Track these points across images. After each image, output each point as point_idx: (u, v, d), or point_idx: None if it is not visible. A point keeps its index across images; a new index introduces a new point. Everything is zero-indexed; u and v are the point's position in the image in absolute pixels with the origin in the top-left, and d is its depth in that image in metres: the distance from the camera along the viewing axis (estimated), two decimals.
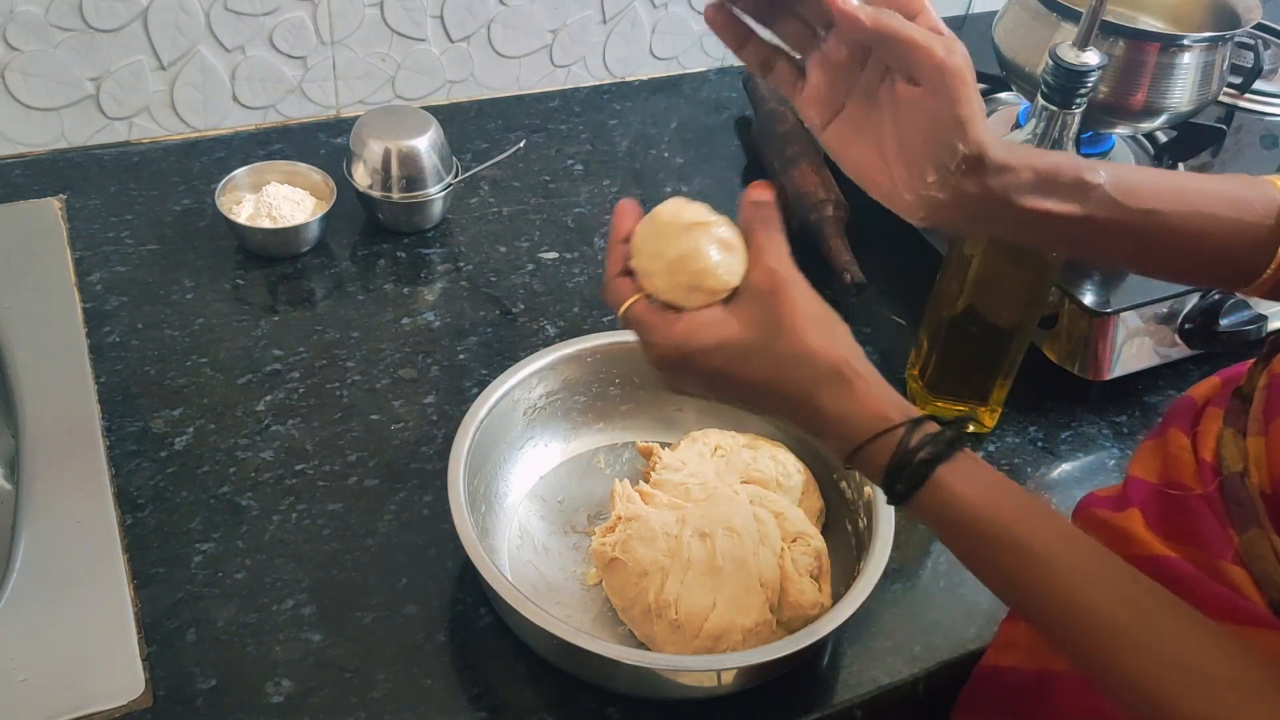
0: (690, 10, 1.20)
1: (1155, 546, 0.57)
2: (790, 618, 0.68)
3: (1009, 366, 0.83)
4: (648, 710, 0.67)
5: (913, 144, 0.54)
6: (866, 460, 0.53)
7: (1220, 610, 0.53)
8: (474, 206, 1.03)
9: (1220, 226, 0.58)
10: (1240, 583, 0.53)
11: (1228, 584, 0.54)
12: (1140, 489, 0.61)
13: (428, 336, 0.89)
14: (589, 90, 1.21)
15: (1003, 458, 0.86)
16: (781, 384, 0.53)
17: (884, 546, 0.67)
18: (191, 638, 0.67)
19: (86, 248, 0.92)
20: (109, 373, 0.82)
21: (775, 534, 0.70)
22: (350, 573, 0.72)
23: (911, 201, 0.55)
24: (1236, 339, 0.88)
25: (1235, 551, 0.54)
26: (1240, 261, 0.59)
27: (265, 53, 1.04)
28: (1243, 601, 0.53)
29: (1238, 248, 0.59)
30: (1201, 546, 0.56)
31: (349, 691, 0.66)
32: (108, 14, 0.96)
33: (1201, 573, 0.55)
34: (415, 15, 1.07)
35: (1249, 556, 0.54)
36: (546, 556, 0.74)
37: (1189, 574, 0.55)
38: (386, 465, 0.79)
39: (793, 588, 0.68)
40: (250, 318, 0.89)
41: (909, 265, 0.99)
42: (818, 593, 0.69)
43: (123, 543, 0.71)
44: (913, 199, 0.55)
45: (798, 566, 0.70)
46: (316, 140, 1.08)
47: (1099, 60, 0.66)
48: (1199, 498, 0.57)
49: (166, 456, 0.77)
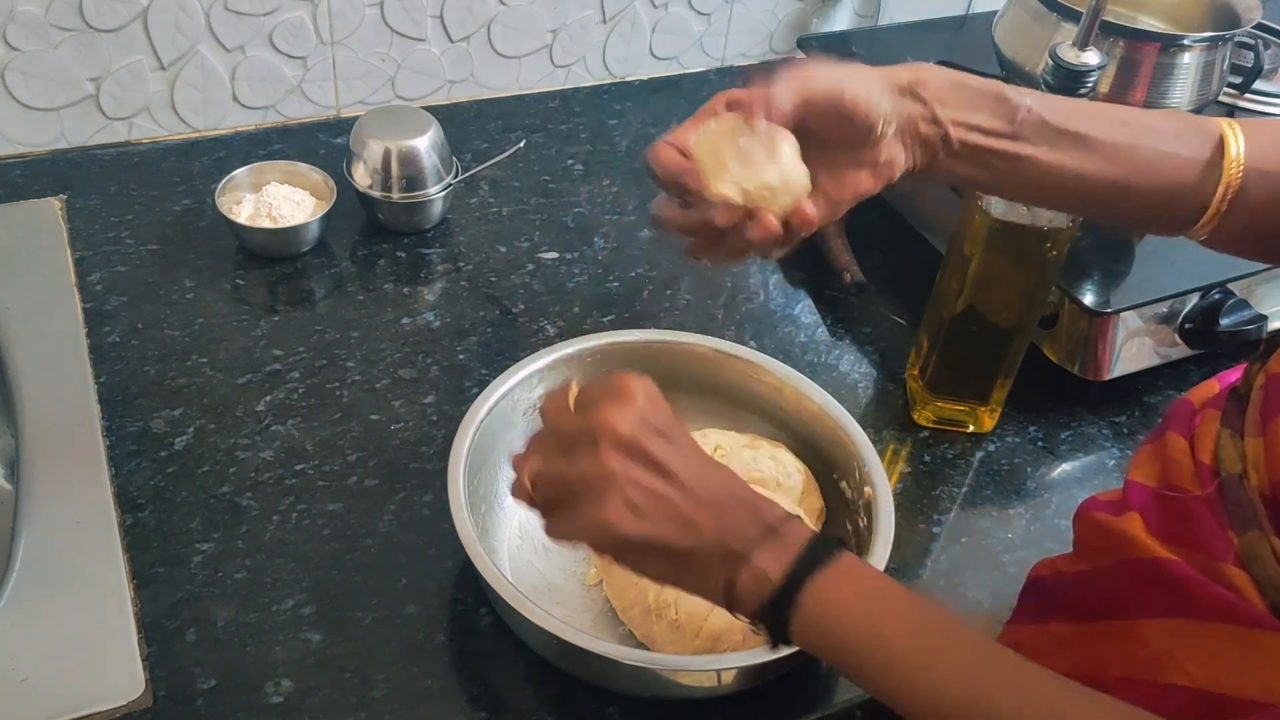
0: (690, 10, 1.20)
1: (1155, 549, 0.57)
2: None
3: (1009, 366, 0.83)
4: (648, 710, 0.67)
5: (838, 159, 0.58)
6: (791, 529, 0.52)
7: (1220, 612, 0.52)
8: (474, 206, 1.03)
9: (1158, 159, 0.59)
10: (1241, 585, 0.53)
11: (1228, 586, 0.53)
12: (1140, 493, 0.61)
13: (428, 336, 0.89)
14: (589, 90, 1.21)
15: (1003, 457, 0.86)
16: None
17: (884, 546, 0.67)
18: (191, 638, 0.67)
19: (86, 248, 0.92)
20: (109, 373, 0.82)
21: None
22: (350, 573, 0.72)
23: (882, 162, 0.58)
24: (1236, 339, 0.88)
25: (1235, 553, 0.54)
26: (1180, 199, 0.59)
27: (265, 53, 1.04)
28: (1243, 604, 0.52)
29: (1177, 184, 0.59)
30: (1201, 549, 0.55)
31: (349, 691, 0.66)
32: (108, 14, 0.96)
33: (1202, 575, 0.54)
34: (415, 15, 1.07)
35: (1249, 558, 0.53)
36: (546, 556, 0.74)
37: (1189, 576, 0.55)
38: (386, 465, 0.79)
39: None
40: (250, 318, 0.89)
41: (909, 265, 0.99)
42: None
43: (123, 543, 0.71)
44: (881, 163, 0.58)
45: None
46: (316, 140, 1.08)
47: (1099, 60, 0.66)
48: (1198, 500, 0.57)
49: (166, 456, 0.77)
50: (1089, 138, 0.59)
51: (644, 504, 0.51)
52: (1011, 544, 0.79)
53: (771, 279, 0.99)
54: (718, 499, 0.52)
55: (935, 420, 0.87)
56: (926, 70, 0.59)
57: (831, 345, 0.94)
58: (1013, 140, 0.58)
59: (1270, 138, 0.59)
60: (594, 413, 0.53)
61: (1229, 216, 0.59)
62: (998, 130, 0.58)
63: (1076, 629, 0.59)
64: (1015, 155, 0.59)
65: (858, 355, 0.93)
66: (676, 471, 0.52)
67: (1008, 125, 0.58)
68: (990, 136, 0.58)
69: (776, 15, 1.25)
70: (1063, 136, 0.58)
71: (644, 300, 0.95)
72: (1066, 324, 0.87)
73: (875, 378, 0.91)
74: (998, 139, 0.58)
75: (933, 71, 0.59)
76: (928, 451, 0.85)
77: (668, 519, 0.51)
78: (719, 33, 1.23)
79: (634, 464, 0.51)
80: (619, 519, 0.51)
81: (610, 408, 0.53)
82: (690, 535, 0.51)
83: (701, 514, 0.52)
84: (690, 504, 0.52)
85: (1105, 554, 0.58)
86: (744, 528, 0.52)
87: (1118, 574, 0.54)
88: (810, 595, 0.50)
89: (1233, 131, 0.59)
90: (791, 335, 0.94)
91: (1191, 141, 0.59)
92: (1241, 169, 0.58)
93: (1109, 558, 0.57)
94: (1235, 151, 0.58)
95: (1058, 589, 0.63)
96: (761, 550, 0.51)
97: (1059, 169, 0.59)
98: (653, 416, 0.53)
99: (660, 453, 0.52)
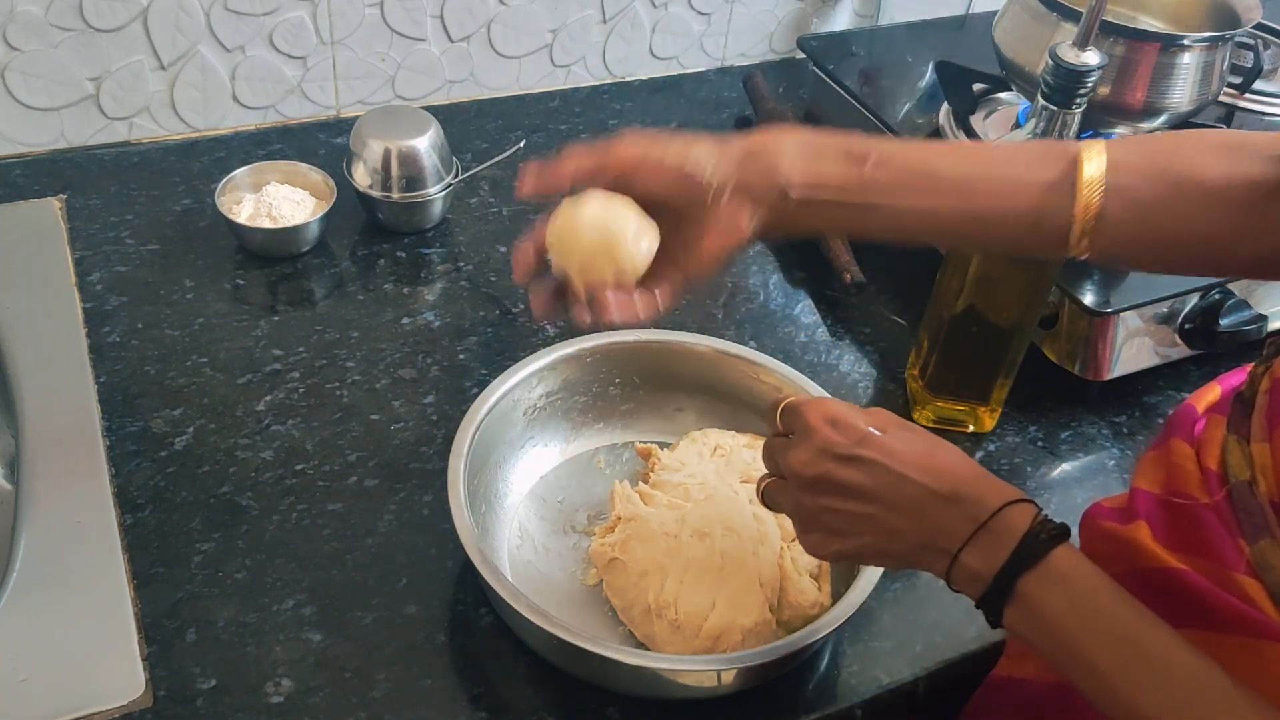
0: (690, 10, 1.20)
1: (1164, 558, 0.56)
2: (790, 617, 0.68)
3: (1009, 366, 0.83)
4: (648, 710, 0.67)
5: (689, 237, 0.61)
6: (1004, 525, 0.53)
7: (1232, 622, 0.52)
8: (474, 206, 1.03)
9: (1010, 186, 0.60)
10: (1253, 594, 0.52)
11: (1240, 595, 0.53)
12: (1146, 500, 0.60)
13: (428, 336, 0.89)
14: (589, 90, 1.21)
15: (1003, 457, 0.86)
16: (937, 452, 0.56)
17: None
18: (191, 638, 0.67)
19: (86, 248, 0.92)
20: (109, 373, 0.82)
21: (775, 534, 0.70)
22: (350, 573, 0.72)
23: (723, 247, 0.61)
24: (1236, 339, 0.88)
25: (1247, 562, 0.53)
26: (1042, 223, 0.59)
27: (265, 53, 1.04)
28: (1254, 613, 0.52)
29: (1032, 208, 0.59)
30: (1212, 557, 0.55)
31: (349, 691, 0.66)
32: (108, 14, 0.96)
33: (1213, 584, 0.54)
34: (415, 15, 1.07)
35: (1260, 567, 0.53)
36: (546, 556, 0.74)
37: (1201, 586, 0.54)
38: (386, 465, 0.79)
39: (792, 587, 0.68)
40: (250, 318, 0.89)
41: (909, 265, 0.99)
42: (817, 592, 0.69)
43: (123, 543, 0.71)
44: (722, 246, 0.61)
45: (797, 566, 0.70)
46: (316, 140, 1.08)
47: (1099, 60, 0.66)
48: (1206, 507, 0.56)
49: (166, 456, 0.77)
50: (938, 174, 0.60)
51: (844, 526, 0.56)
52: None
53: (771, 279, 0.99)
54: (918, 503, 0.54)
55: (935, 420, 0.87)
56: (773, 134, 0.61)
57: (831, 345, 0.94)
58: (859, 190, 0.60)
59: (1137, 149, 0.60)
60: (784, 458, 0.59)
61: (1102, 235, 0.59)
62: (843, 183, 0.60)
63: None
64: (863, 204, 0.60)
65: (858, 355, 0.93)
66: (869, 489, 0.55)
67: (854, 175, 0.60)
68: (834, 190, 0.60)
69: (776, 15, 1.25)
70: (911, 177, 0.60)
71: None
72: (1066, 324, 0.87)
73: (875, 378, 0.91)
74: (842, 191, 0.60)
75: (779, 135, 0.61)
76: None
77: (872, 533, 0.56)
78: (719, 33, 1.23)
79: (824, 497, 0.56)
80: (823, 545, 0.58)
81: (793, 451, 0.58)
82: (897, 541, 0.55)
83: (904, 521, 0.55)
84: (891, 515, 0.55)
85: (1114, 562, 0.57)
86: (954, 526, 0.53)
87: (1126, 583, 0.53)
88: (1020, 596, 0.51)
89: (1093, 152, 0.59)
90: (791, 335, 0.94)
91: (1046, 166, 0.59)
92: (1102, 188, 0.58)
93: (1118, 566, 0.57)
94: (1093, 171, 0.58)
95: None
96: (972, 549, 0.53)
97: (910, 209, 0.61)
98: (836, 443, 0.56)
99: (848, 478, 0.55)
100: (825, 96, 1.09)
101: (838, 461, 0.56)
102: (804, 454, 0.57)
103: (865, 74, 1.09)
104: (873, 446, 0.56)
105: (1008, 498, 0.53)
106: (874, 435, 0.56)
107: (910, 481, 0.54)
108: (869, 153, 0.60)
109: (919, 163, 0.61)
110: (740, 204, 0.60)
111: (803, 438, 0.58)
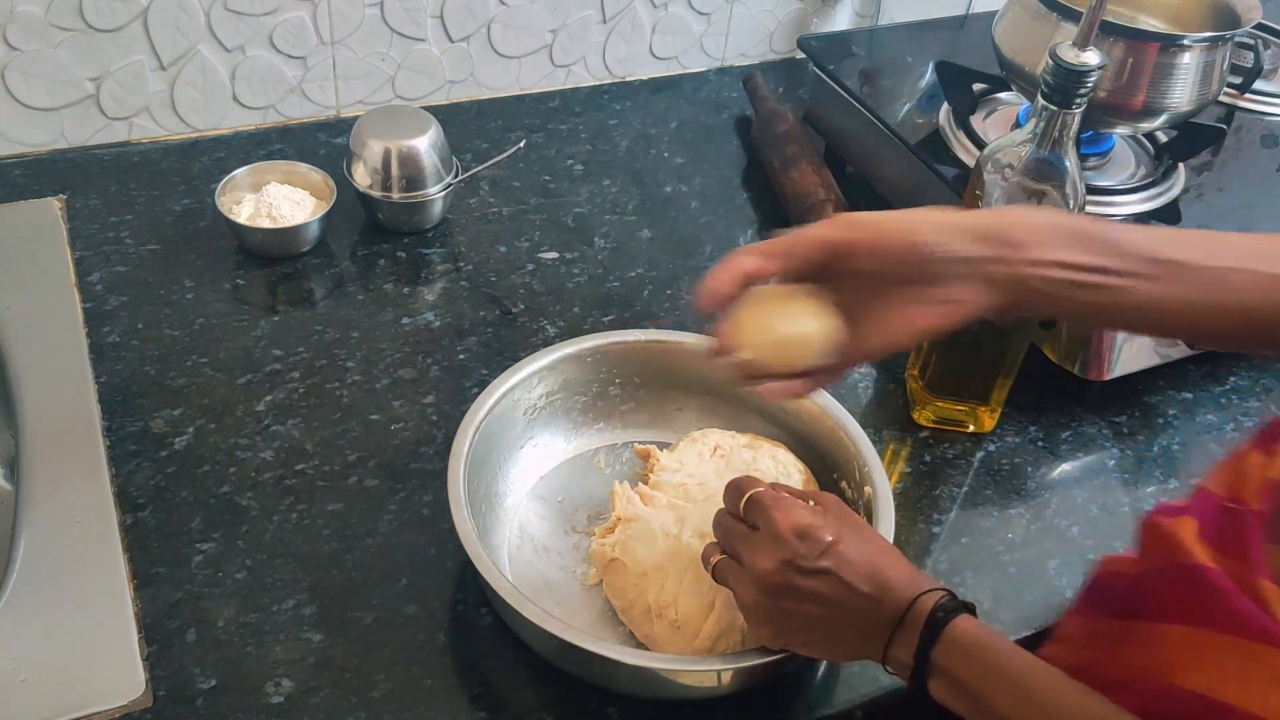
0: (690, 10, 1.20)
1: (1197, 556, 0.56)
2: None
3: (1009, 366, 0.82)
4: (648, 710, 0.67)
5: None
6: (915, 614, 0.58)
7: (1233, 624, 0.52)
8: (474, 206, 1.03)
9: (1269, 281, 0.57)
10: (1269, 597, 0.52)
11: (1259, 600, 0.52)
12: (1206, 500, 0.60)
13: (428, 336, 0.89)
14: (589, 90, 1.21)
15: (1003, 458, 0.86)
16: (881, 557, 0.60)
17: None
18: (191, 638, 0.67)
19: (86, 248, 0.93)
20: (109, 373, 0.82)
21: None
22: (350, 573, 0.72)
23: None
24: None
25: (1268, 566, 0.53)
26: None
27: (265, 53, 1.04)
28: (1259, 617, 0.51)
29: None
30: (1244, 560, 0.54)
31: (349, 691, 0.66)
32: (108, 14, 0.96)
33: (1236, 586, 0.54)
34: (415, 15, 1.07)
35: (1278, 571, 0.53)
36: (546, 556, 0.74)
37: (1224, 587, 0.53)
38: (386, 465, 0.79)
39: None
40: (250, 318, 0.89)
41: None
42: None
43: (123, 543, 0.71)
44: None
45: None
46: (316, 140, 1.08)
47: (1099, 60, 0.66)
48: (1253, 513, 0.56)
49: (166, 456, 0.77)
50: (1186, 264, 0.56)
51: (797, 626, 0.60)
52: (1012, 544, 0.79)
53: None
54: (863, 611, 0.59)
55: (935, 420, 0.87)
56: (1012, 213, 0.59)
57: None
58: (1104, 274, 0.56)
59: None
60: (749, 557, 0.61)
61: None
62: (1086, 264, 0.56)
63: (1121, 626, 0.59)
64: (1109, 287, 0.56)
65: None
66: (824, 597, 0.59)
67: (1096, 259, 0.56)
68: (1078, 271, 0.56)
69: (776, 15, 1.25)
70: (1162, 265, 0.56)
71: (644, 300, 0.95)
72: (1067, 324, 0.87)
73: (875, 378, 0.91)
74: (1087, 273, 0.56)
75: (1020, 214, 0.59)
76: (928, 451, 0.85)
77: (821, 631, 0.60)
78: (719, 32, 1.23)
79: (784, 601, 0.60)
80: (774, 638, 0.62)
81: (759, 555, 0.60)
82: (841, 639, 0.61)
83: (849, 624, 0.60)
84: (839, 616, 0.59)
85: (1158, 556, 0.58)
86: (882, 626, 0.59)
87: (1159, 576, 0.54)
88: (934, 668, 0.57)
89: None
90: None
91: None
92: None
93: (1160, 560, 0.57)
94: None
95: (1113, 586, 0.63)
96: (896, 642, 0.58)
97: (1159, 298, 0.57)
98: (803, 556, 0.59)
99: (809, 588, 0.59)
100: (825, 97, 1.09)
101: (801, 574, 0.59)
102: (770, 563, 0.60)
103: (865, 74, 1.09)
104: (832, 557, 0.59)
105: (920, 589, 0.58)
106: (834, 546, 0.59)
107: (858, 593, 0.59)
108: (1112, 238, 0.56)
109: (1165, 250, 0.56)
110: (970, 282, 0.56)
111: (770, 543, 0.60)
